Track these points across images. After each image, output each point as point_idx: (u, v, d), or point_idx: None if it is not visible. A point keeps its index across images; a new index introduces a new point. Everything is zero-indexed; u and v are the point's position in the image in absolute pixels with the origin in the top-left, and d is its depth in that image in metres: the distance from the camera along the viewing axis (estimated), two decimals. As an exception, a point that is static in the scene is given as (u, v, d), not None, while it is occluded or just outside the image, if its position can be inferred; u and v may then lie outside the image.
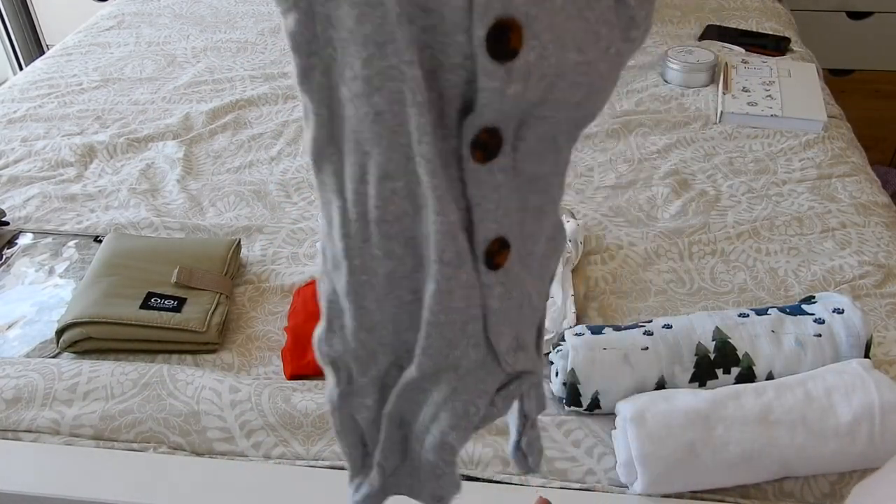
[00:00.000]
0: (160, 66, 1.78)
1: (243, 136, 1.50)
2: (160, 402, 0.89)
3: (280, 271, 1.13)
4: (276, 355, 0.99)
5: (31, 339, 1.01)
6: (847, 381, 0.80)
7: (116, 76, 1.73)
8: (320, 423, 0.87)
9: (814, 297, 0.94)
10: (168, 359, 0.98)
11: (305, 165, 1.40)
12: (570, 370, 0.86)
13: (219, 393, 0.89)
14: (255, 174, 1.38)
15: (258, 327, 1.03)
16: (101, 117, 1.57)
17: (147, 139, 1.49)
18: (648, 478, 0.77)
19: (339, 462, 0.84)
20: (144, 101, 1.63)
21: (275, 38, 1.90)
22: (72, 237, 1.21)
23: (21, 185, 1.35)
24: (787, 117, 1.48)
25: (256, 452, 0.85)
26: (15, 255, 1.17)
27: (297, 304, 1.05)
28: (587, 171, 1.37)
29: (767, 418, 0.78)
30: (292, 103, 1.61)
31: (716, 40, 1.81)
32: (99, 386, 0.91)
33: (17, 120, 1.56)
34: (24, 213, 1.27)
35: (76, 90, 1.67)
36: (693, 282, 1.11)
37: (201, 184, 1.35)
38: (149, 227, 1.23)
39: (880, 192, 1.30)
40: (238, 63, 1.78)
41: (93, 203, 1.30)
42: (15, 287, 1.11)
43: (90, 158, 1.43)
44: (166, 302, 1.00)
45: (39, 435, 0.87)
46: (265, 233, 1.22)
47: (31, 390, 0.90)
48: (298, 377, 0.95)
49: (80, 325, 0.96)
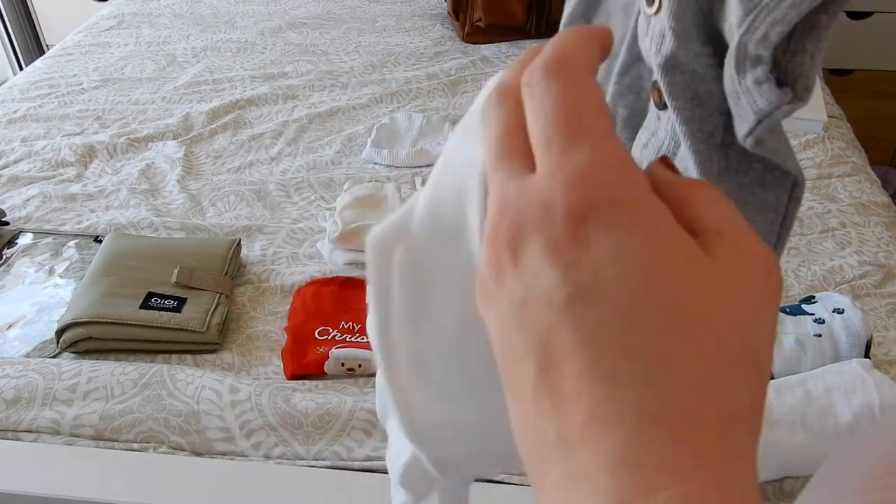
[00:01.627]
0: (160, 66, 1.78)
1: (243, 136, 1.50)
2: (160, 402, 0.89)
3: (280, 271, 1.13)
4: (276, 355, 0.99)
5: (31, 339, 1.01)
6: (847, 381, 0.80)
7: (116, 76, 1.73)
8: (320, 424, 0.87)
9: (814, 296, 0.94)
10: (168, 359, 0.98)
11: (305, 165, 1.40)
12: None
13: (219, 393, 0.89)
14: (255, 174, 1.38)
15: (258, 327, 1.03)
16: (102, 117, 1.57)
17: (147, 139, 1.49)
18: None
19: (339, 462, 0.84)
20: (144, 101, 1.63)
21: (275, 39, 1.90)
22: (72, 237, 1.21)
23: (21, 185, 1.35)
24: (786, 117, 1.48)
25: (256, 452, 0.85)
26: (15, 255, 1.17)
27: (297, 304, 1.05)
28: (587, 171, 1.37)
29: (768, 418, 0.78)
30: (292, 103, 1.61)
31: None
32: (99, 386, 0.91)
33: (17, 120, 1.56)
34: (25, 213, 1.27)
35: (76, 90, 1.67)
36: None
37: (201, 184, 1.35)
38: (149, 227, 1.23)
39: (880, 192, 1.30)
40: (238, 63, 1.78)
41: (93, 203, 1.30)
42: (15, 287, 1.11)
43: (90, 158, 1.43)
44: (166, 302, 1.00)
45: (39, 435, 0.87)
46: (265, 233, 1.22)
47: (31, 390, 0.90)
48: (298, 377, 0.95)
49: (81, 324, 0.96)
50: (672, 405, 0.20)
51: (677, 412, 0.19)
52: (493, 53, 1.80)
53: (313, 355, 0.96)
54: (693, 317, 0.20)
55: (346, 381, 0.94)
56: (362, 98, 1.62)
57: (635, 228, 0.21)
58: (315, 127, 1.53)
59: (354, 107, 1.59)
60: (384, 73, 1.73)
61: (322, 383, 0.94)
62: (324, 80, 1.70)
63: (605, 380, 0.20)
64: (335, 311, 1.04)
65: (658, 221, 0.21)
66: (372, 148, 1.42)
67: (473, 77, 1.69)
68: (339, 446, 0.85)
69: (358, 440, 0.86)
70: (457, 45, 1.85)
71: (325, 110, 1.57)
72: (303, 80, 1.69)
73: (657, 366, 0.20)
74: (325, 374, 0.95)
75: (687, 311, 0.20)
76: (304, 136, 1.50)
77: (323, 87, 1.67)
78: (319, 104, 1.60)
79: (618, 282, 0.20)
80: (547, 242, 0.21)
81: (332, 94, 1.65)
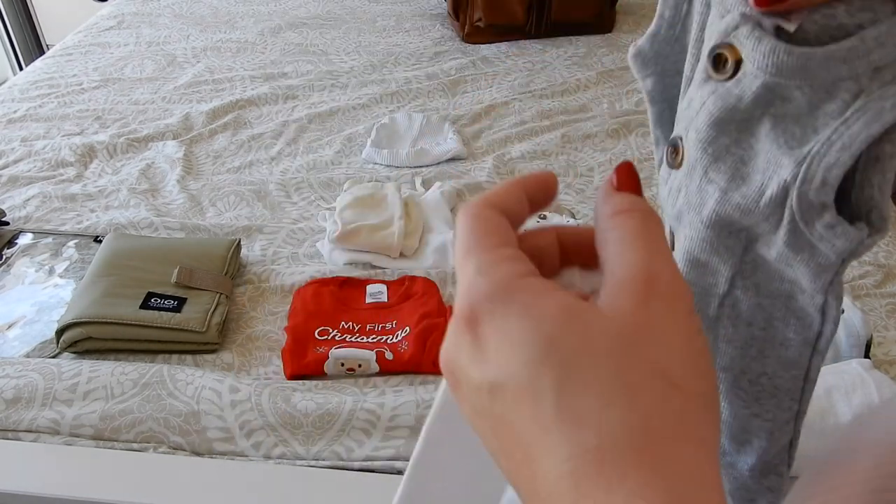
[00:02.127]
0: (160, 66, 1.78)
1: (243, 136, 1.50)
2: (160, 402, 0.89)
3: (280, 271, 1.13)
4: (276, 355, 0.99)
5: (31, 339, 1.01)
6: (847, 381, 0.80)
7: (116, 76, 1.73)
8: (320, 424, 0.87)
9: (814, 296, 0.94)
10: (168, 359, 0.98)
11: (306, 165, 1.40)
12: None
13: (219, 393, 0.89)
14: (255, 174, 1.38)
15: (258, 327, 1.03)
16: (101, 117, 1.57)
17: (147, 139, 1.49)
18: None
19: (339, 462, 0.84)
20: (144, 101, 1.63)
21: (274, 39, 1.90)
22: (72, 237, 1.21)
23: (21, 185, 1.35)
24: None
25: (256, 452, 0.85)
26: (15, 255, 1.17)
27: (297, 304, 1.05)
28: (587, 171, 1.37)
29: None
30: (292, 103, 1.61)
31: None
32: (99, 386, 0.91)
33: (17, 120, 1.56)
34: (24, 213, 1.27)
35: (76, 90, 1.67)
36: (693, 282, 1.11)
37: (201, 184, 1.35)
38: (149, 227, 1.23)
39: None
40: (238, 63, 1.78)
41: (93, 203, 1.30)
42: (15, 287, 1.11)
43: (90, 158, 1.43)
44: (166, 302, 1.00)
45: (39, 435, 0.87)
46: (265, 233, 1.22)
47: (31, 390, 0.90)
48: (298, 377, 0.95)
49: (81, 325, 0.96)
50: (591, 443, 0.22)
51: (600, 449, 0.22)
52: (493, 53, 1.80)
53: (313, 355, 0.96)
54: (585, 361, 0.23)
55: (346, 381, 0.94)
56: (362, 98, 1.62)
57: (509, 308, 0.24)
58: (315, 127, 1.53)
59: (354, 107, 1.59)
60: (384, 73, 1.73)
61: (322, 383, 0.94)
62: (324, 80, 1.70)
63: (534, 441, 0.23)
64: (335, 311, 1.04)
65: (529, 294, 0.24)
66: (372, 148, 1.42)
67: (473, 77, 1.70)
68: (338, 446, 0.85)
69: (357, 440, 0.86)
70: (457, 45, 1.85)
71: (325, 110, 1.57)
72: (303, 80, 1.69)
73: (568, 419, 0.22)
74: (324, 374, 0.95)
75: (575, 360, 0.23)
76: (304, 136, 1.50)
77: (323, 87, 1.67)
78: (319, 104, 1.60)
79: (515, 362, 0.23)
80: (467, 350, 0.25)
81: (332, 94, 1.65)
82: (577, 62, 1.74)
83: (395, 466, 0.83)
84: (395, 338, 0.99)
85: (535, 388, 0.23)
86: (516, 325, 0.23)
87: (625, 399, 0.22)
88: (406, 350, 0.96)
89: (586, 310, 0.24)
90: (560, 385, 0.22)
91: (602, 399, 0.22)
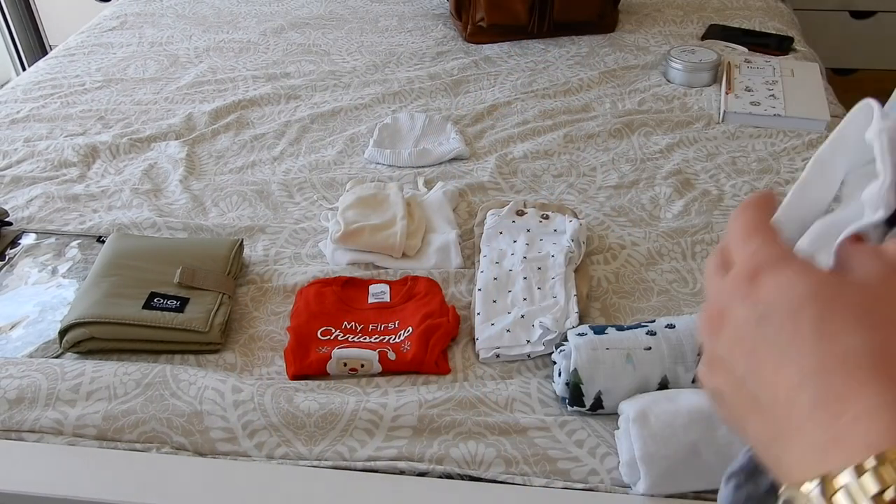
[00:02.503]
0: (163, 66, 1.78)
1: (246, 136, 1.50)
2: (163, 402, 0.89)
3: (283, 271, 1.13)
4: (278, 355, 0.99)
5: (34, 340, 1.01)
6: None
7: (119, 76, 1.74)
8: (323, 424, 0.87)
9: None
10: (171, 359, 0.98)
11: (308, 165, 1.40)
12: (572, 370, 0.86)
13: (221, 393, 0.89)
14: (258, 174, 1.38)
15: (261, 327, 1.03)
16: (104, 117, 1.57)
17: (150, 139, 1.49)
18: (651, 478, 0.77)
19: (342, 462, 0.84)
20: (147, 102, 1.63)
21: (277, 39, 1.90)
22: (75, 237, 1.21)
23: (24, 186, 1.35)
24: (790, 117, 1.48)
25: (259, 453, 0.85)
26: (18, 255, 1.17)
27: (300, 305, 1.05)
28: (590, 170, 1.37)
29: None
30: (294, 103, 1.61)
31: (719, 40, 1.81)
32: (102, 386, 0.91)
33: (20, 120, 1.56)
34: (28, 214, 1.27)
35: (79, 90, 1.68)
36: (696, 281, 1.11)
37: (204, 184, 1.35)
38: (151, 228, 1.23)
39: (883, 192, 1.29)
40: (241, 63, 1.78)
41: (96, 203, 1.30)
42: (18, 287, 1.11)
43: (93, 159, 1.43)
44: (169, 302, 1.00)
45: (42, 435, 0.87)
46: (268, 233, 1.22)
47: (34, 390, 0.91)
48: (301, 377, 0.95)
49: (83, 325, 0.96)
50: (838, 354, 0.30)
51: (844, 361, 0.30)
52: (496, 53, 1.80)
53: (316, 355, 0.96)
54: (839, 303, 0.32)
55: (349, 382, 0.94)
56: (364, 98, 1.62)
57: (790, 267, 0.34)
58: (317, 127, 1.53)
59: (357, 107, 1.59)
60: (386, 73, 1.73)
61: (324, 383, 0.94)
62: (326, 80, 1.70)
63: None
64: (338, 312, 1.04)
65: (801, 263, 0.34)
66: (374, 148, 1.42)
67: (476, 77, 1.69)
68: (341, 446, 0.85)
69: (360, 440, 0.86)
70: (459, 45, 1.85)
71: (328, 110, 1.57)
72: (305, 81, 1.69)
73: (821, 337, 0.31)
74: (327, 375, 0.95)
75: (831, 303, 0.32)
76: (307, 137, 1.50)
77: (325, 87, 1.67)
78: (322, 104, 1.60)
79: (786, 301, 0.32)
80: (742, 294, 0.34)
81: (334, 94, 1.65)
82: (580, 62, 1.74)
83: (398, 466, 0.83)
84: (398, 338, 0.99)
85: (798, 317, 0.31)
86: (793, 278, 0.33)
87: (869, 331, 0.30)
88: (409, 350, 0.96)
89: (844, 279, 0.33)
90: (819, 316, 0.31)
91: (849, 327, 0.30)
